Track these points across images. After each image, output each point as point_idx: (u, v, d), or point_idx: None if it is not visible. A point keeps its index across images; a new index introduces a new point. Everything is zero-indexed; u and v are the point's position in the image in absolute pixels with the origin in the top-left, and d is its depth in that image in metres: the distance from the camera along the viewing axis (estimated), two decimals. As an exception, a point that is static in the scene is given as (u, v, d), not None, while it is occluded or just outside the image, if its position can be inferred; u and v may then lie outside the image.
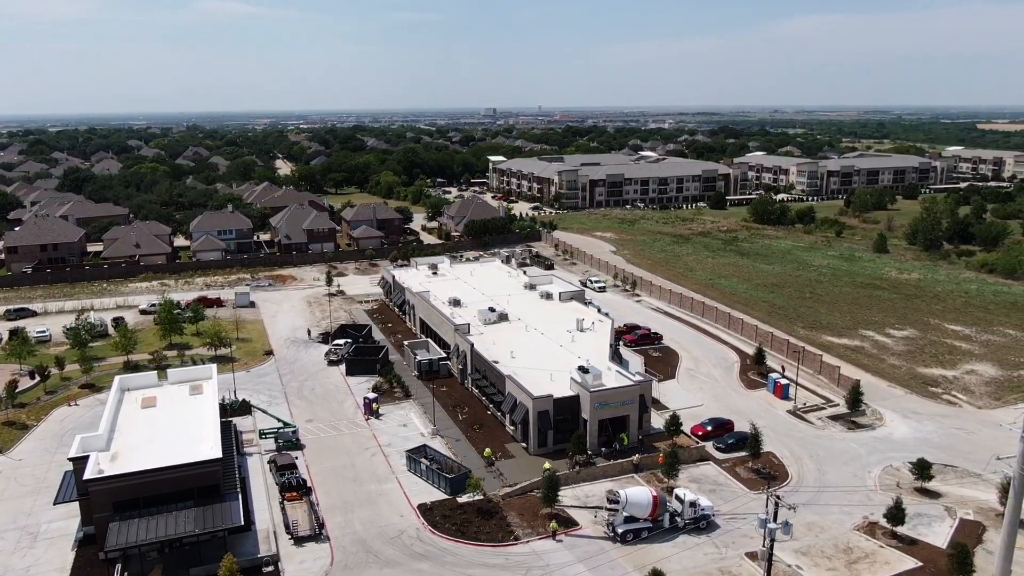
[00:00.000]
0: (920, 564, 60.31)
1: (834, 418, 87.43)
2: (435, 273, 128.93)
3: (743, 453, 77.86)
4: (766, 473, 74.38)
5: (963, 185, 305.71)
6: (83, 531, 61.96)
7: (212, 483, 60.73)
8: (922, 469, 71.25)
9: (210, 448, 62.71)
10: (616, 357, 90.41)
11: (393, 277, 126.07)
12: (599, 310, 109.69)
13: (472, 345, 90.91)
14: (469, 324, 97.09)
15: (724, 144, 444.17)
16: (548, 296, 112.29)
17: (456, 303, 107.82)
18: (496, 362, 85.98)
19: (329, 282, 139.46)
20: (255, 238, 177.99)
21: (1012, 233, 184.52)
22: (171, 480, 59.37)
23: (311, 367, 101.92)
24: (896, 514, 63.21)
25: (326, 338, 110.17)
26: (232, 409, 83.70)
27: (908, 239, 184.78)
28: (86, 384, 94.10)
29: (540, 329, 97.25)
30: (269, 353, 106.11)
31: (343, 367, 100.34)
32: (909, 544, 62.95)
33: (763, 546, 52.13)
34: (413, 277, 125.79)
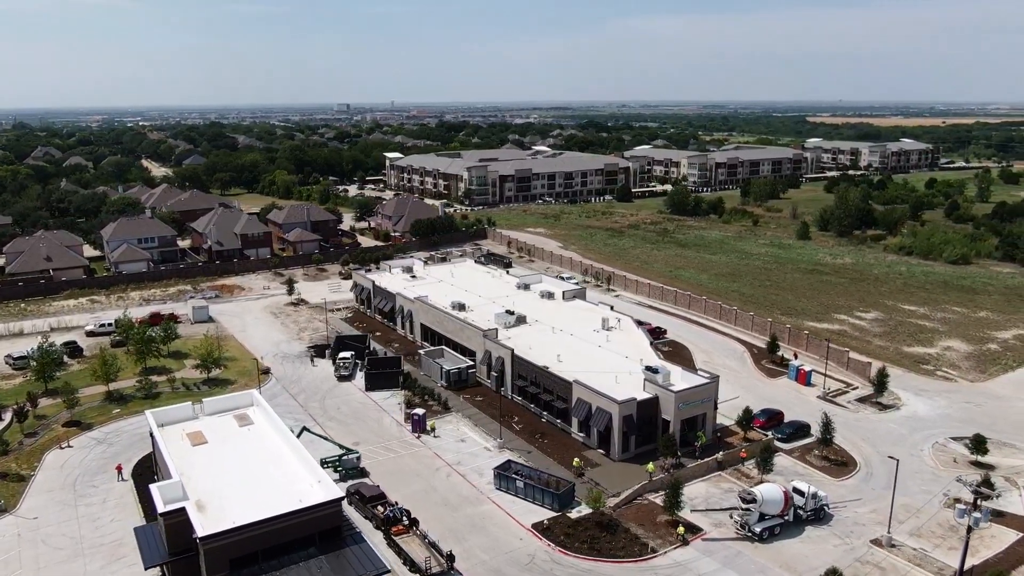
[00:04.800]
0: (1022, 535, 63.88)
1: (861, 401, 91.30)
2: (413, 276, 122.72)
3: (804, 441, 79.68)
4: (836, 460, 76.39)
5: (832, 174, 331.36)
6: (175, 595, 53.49)
7: (334, 526, 54.27)
8: (978, 444, 75.57)
9: (323, 487, 55.98)
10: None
11: (373, 283, 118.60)
12: (612, 308, 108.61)
13: (513, 351, 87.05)
14: (497, 329, 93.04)
15: (600, 139, 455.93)
16: (549, 296, 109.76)
17: (461, 307, 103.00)
18: (547, 367, 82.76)
19: (291, 291, 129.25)
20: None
21: (905, 217, 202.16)
22: (292, 527, 52.40)
23: (320, 384, 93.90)
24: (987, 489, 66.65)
25: (322, 352, 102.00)
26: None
27: (819, 226, 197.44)
28: (69, 422, 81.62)
29: (566, 330, 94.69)
30: (266, 372, 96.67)
31: (357, 382, 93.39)
32: (998, 516, 66.50)
33: (963, 537, 53.24)
34: (393, 281, 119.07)
